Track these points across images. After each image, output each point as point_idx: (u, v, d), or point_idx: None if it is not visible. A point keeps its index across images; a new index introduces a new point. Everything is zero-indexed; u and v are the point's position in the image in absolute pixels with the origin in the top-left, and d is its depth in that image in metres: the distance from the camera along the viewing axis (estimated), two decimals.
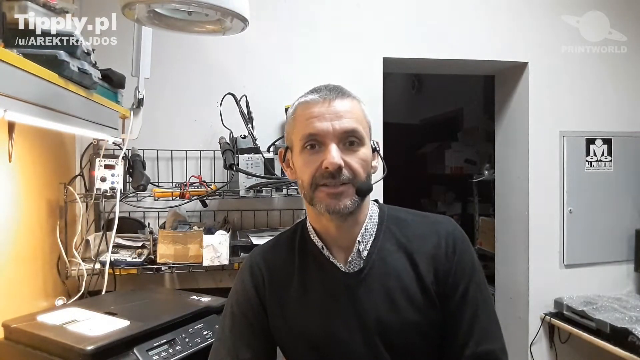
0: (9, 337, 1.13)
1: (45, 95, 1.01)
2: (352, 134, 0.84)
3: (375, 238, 0.90)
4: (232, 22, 1.12)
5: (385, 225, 0.92)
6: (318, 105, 0.85)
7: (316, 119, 0.83)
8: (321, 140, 0.83)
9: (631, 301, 2.23)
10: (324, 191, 0.83)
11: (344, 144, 0.83)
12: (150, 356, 1.07)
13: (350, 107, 0.85)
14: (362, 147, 0.85)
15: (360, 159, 0.84)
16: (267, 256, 0.97)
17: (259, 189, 1.78)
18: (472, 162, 3.83)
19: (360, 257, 0.89)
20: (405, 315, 0.85)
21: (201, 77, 2.04)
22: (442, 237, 0.89)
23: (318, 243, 0.91)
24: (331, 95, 0.85)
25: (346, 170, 0.82)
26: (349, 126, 0.83)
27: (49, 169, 1.60)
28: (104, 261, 1.60)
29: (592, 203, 2.38)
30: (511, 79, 2.47)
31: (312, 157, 0.84)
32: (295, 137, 0.88)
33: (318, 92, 0.87)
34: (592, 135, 2.39)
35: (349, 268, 0.89)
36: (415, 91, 4.60)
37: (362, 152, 0.85)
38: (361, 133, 0.85)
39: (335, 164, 0.81)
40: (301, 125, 0.86)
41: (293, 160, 0.90)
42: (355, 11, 2.18)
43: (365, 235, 0.90)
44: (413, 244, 0.90)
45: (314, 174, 0.83)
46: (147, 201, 1.80)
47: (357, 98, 0.89)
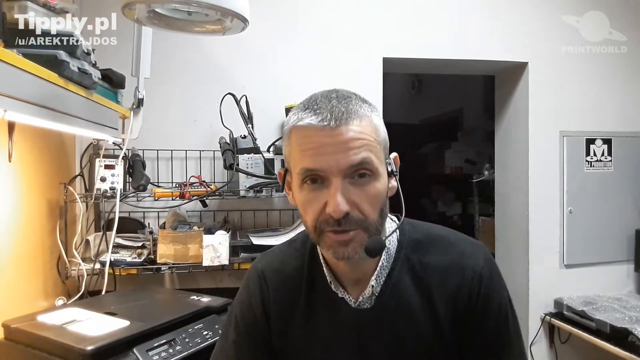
0: (9, 337, 1.13)
1: (45, 95, 1.01)
2: (362, 167, 0.69)
3: (391, 270, 0.79)
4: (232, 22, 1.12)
5: (404, 254, 0.80)
6: (318, 134, 0.68)
7: (316, 152, 0.68)
8: (324, 175, 0.69)
9: (631, 301, 2.23)
10: (332, 237, 0.71)
11: (352, 178, 0.69)
12: (150, 356, 1.07)
13: (358, 132, 0.69)
14: (374, 181, 0.70)
15: (372, 196, 0.70)
16: (275, 271, 0.87)
17: (259, 189, 1.78)
18: (472, 162, 3.83)
19: (372, 293, 0.78)
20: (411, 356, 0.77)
21: (201, 77, 2.04)
22: (467, 276, 0.77)
23: (328, 277, 0.81)
24: (334, 119, 0.68)
25: (355, 214, 0.69)
26: (356, 159, 0.68)
27: (49, 169, 1.60)
28: (104, 261, 1.60)
29: (592, 203, 2.38)
30: (511, 79, 2.47)
31: (314, 194, 0.70)
32: (292, 165, 0.73)
33: (317, 112, 0.69)
34: (592, 135, 2.39)
35: (361, 305, 0.79)
36: (415, 91, 4.60)
37: (374, 187, 0.70)
38: (373, 164, 0.69)
39: (341, 212, 0.67)
40: (297, 156, 0.71)
41: (293, 189, 0.76)
42: (355, 11, 2.18)
43: (380, 272, 0.79)
44: (432, 279, 0.78)
45: (318, 218, 0.71)
46: (147, 201, 1.80)
47: (368, 111, 0.72)
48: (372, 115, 0.73)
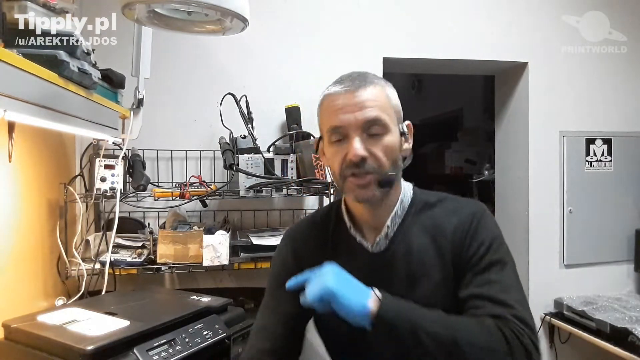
0: (9, 337, 1.13)
1: (45, 95, 1.01)
2: (375, 123, 0.85)
3: (402, 221, 0.94)
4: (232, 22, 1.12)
5: (415, 209, 0.95)
6: (341, 97, 0.87)
7: (339, 112, 0.86)
8: (345, 132, 0.86)
9: (631, 301, 2.23)
10: (352, 182, 0.87)
11: (368, 134, 0.86)
12: (150, 356, 1.07)
13: (373, 95, 0.86)
14: (387, 135, 0.87)
15: (385, 147, 0.86)
16: (304, 232, 1.03)
17: (259, 189, 1.78)
18: (472, 162, 3.83)
19: (386, 238, 0.93)
20: (423, 295, 0.87)
21: (201, 77, 2.04)
22: (463, 216, 0.91)
23: (347, 223, 0.96)
24: (353, 86, 0.87)
25: (371, 160, 0.85)
26: (370, 115, 0.85)
27: (49, 169, 1.60)
28: (104, 261, 1.60)
29: (592, 203, 2.38)
30: (511, 79, 2.47)
31: (339, 148, 0.87)
32: (323, 128, 0.92)
33: (341, 83, 0.89)
34: (592, 135, 2.40)
35: (375, 248, 0.93)
36: (415, 91, 4.60)
37: (386, 140, 0.87)
38: (384, 121, 0.86)
39: (358, 155, 0.84)
40: (326, 118, 0.89)
41: (325, 149, 0.93)
42: (355, 11, 2.18)
43: (394, 219, 0.93)
44: (437, 225, 0.92)
45: (341, 166, 0.87)
46: (147, 201, 1.80)
47: (382, 83, 0.90)
48: (385, 86, 0.91)
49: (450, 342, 0.75)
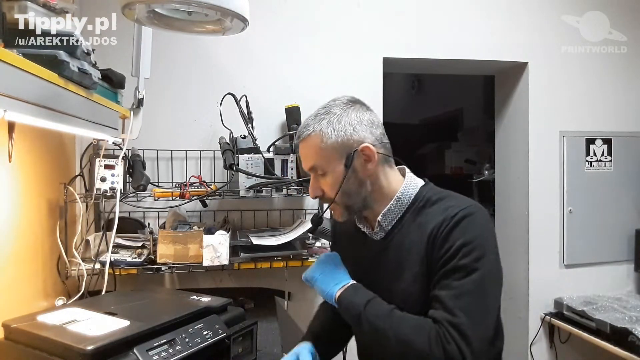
0: (9, 337, 1.13)
1: (45, 95, 1.01)
2: (313, 170, 1.02)
3: (402, 216, 1.03)
4: (232, 22, 1.12)
5: (416, 206, 1.03)
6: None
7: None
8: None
9: (631, 301, 2.23)
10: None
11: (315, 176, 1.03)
12: (150, 356, 1.06)
13: (307, 147, 1.01)
14: (327, 175, 1.01)
15: (328, 184, 1.01)
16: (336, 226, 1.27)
17: (259, 189, 1.78)
18: (472, 162, 3.84)
19: (383, 230, 1.05)
20: (406, 285, 0.98)
21: (201, 77, 2.04)
22: (447, 218, 0.95)
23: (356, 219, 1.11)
24: (297, 140, 1.04)
25: (324, 197, 1.03)
26: (308, 165, 1.03)
27: (49, 169, 1.60)
28: (104, 261, 1.60)
29: (592, 203, 2.38)
30: (511, 79, 2.47)
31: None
32: None
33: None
34: (592, 135, 2.40)
35: (375, 236, 1.07)
36: (415, 91, 4.60)
37: (327, 179, 1.01)
38: (319, 166, 1.01)
39: (313, 195, 1.05)
40: None
41: None
42: (355, 11, 2.18)
43: (387, 215, 1.03)
44: (428, 222, 0.98)
45: None
46: (147, 201, 1.80)
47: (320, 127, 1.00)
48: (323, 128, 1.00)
49: (382, 333, 0.93)
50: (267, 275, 1.98)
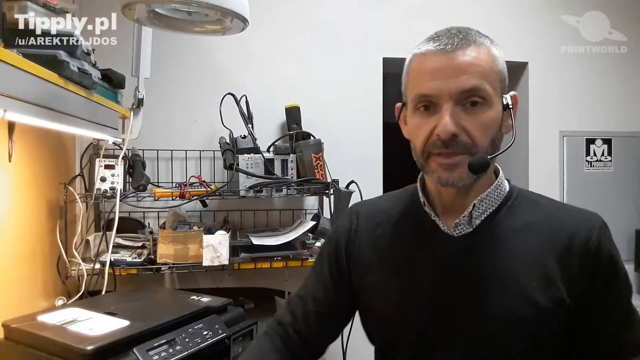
0: (9, 337, 1.13)
1: (45, 95, 1.01)
2: (474, 93, 0.70)
3: (495, 211, 0.77)
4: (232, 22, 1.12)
5: (512, 202, 0.78)
6: (434, 59, 0.72)
7: (430, 77, 0.71)
8: (435, 101, 0.71)
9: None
10: (437, 161, 0.72)
11: (463, 105, 0.70)
12: (150, 356, 1.07)
13: (474, 58, 0.71)
14: (487, 109, 0.71)
15: (483, 123, 0.70)
16: (368, 208, 0.90)
17: (259, 189, 1.78)
18: None
19: (470, 224, 0.76)
20: (509, 303, 0.70)
21: (201, 77, 2.04)
22: (584, 228, 0.74)
23: (422, 198, 0.81)
24: (450, 46, 0.71)
25: (463, 137, 0.70)
26: (469, 84, 0.69)
27: (49, 169, 1.60)
28: (104, 261, 1.60)
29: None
30: (511, 79, 2.46)
31: (425, 120, 0.72)
32: (408, 94, 0.76)
33: (436, 40, 0.73)
34: (592, 135, 2.40)
35: (454, 231, 0.77)
36: None
37: (486, 115, 0.70)
38: (486, 91, 0.70)
39: (448, 132, 0.68)
40: (414, 83, 0.75)
41: (407, 118, 0.78)
42: (355, 11, 2.18)
43: (484, 201, 0.76)
44: (542, 227, 0.75)
45: (426, 141, 0.72)
46: (147, 201, 1.80)
47: (487, 42, 0.75)
48: (491, 46, 0.75)
49: None
50: (267, 275, 1.98)
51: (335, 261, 0.88)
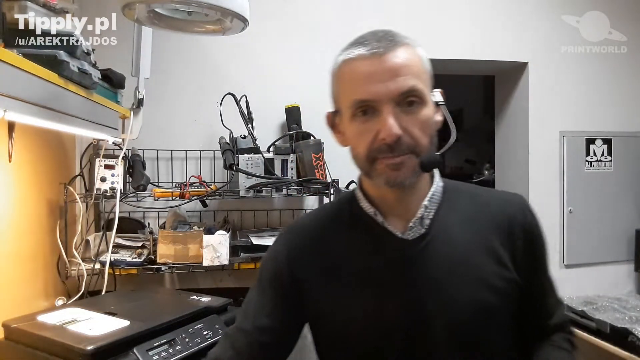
0: (9, 337, 1.13)
1: (45, 95, 1.01)
2: (411, 93, 0.71)
3: (438, 208, 0.79)
4: (232, 22, 1.12)
5: (448, 196, 0.81)
6: (367, 63, 0.71)
7: (366, 81, 0.71)
8: (375, 106, 0.71)
9: (631, 301, 2.23)
10: (384, 162, 0.72)
11: (401, 106, 0.71)
12: (150, 356, 1.07)
13: (406, 60, 0.71)
14: (424, 107, 0.72)
15: (422, 122, 0.72)
16: (306, 227, 0.86)
17: (259, 189, 1.78)
18: (472, 162, 3.83)
19: (421, 225, 0.77)
20: (475, 295, 0.74)
21: (201, 77, 2.04)
22: (518, 210, 0.82)
23: (369, 210, 0.80)
24: (381, 48, 0.71)
25: (406, 138, 0.71)
26: (406, 85, 0.70)
27: (49, 169, 1.60)
28: (104, 261, 1.60)
29: (592, 203, 2.38)
30: (511, 79, 2.47)
31: (366, 125, 0.72)
32: (343, 101, 0.76)
33: (364, 44, 0.73)
34: (592, 135, 2.39)
35: (408, 235, 0.77)
36: None
37: (423, 114, 0.72)
38: (421, 90, 0.71)
39: (394, 135, 0.69)
40: (349, 89, 0.74)
41: (343, 126, 0.78)
42: (355, 11, 2.18)
43: (432, 201, 0.79)
44: (482, 215, 0.80)
45: (370, 147, 0.72)
46: (147, 201, 1.80)
47: (412, 42, 0.75)
48: (416, 47, 0.75)
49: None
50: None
51: (280, 286, 0.82)
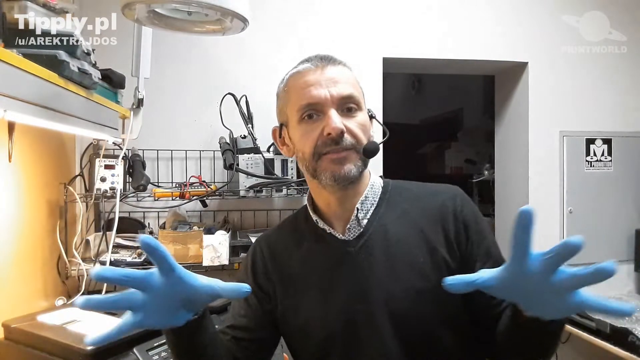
0: (9, 337, 1.13)
1: (45, 95, 1.01)
2: (350, 100, 0.82)
3: (377, 207, 0.88)
4: (232, 22, 1.12)
5: (389, 196, 0.89)
6: (311, 74, 0.84)
7: (312, 87, 0.82)
8: (320, 108, 0.81)
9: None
10: (328, 158, 0.80)
11: (342, 110, 0.82)
12: (150, 356, 1.07)
13: (343, 73, 0.85)
14: (361, 113, 0.84)
15: (361, 124, 0.83)
16: (270, 238, 0.98)
17: (259, 189, 1.78)
18: (472, 162, 3.84)
19: (359, 225, 0.86)
20: (410, 283, 0.81)
21: (201, 77, 2.04)
22: (447, 198, 0.87)
23: (313, 216, 0.89)
24: (323, 63, 0.84)
25: (348, 136, 0.80)
26: (345, 91, 0.82)
27: (49, 169, 1.60)
28: (104, 261, 1.60)
29: (592, 203, 2.38)
30: (511, 79, 2.47)
31: (312, 126, 0.82)
32: (290, 110, 0.86)
33: (309, 61, 0.87)
34: (592, 135, 2.40)
35: (348, 236, 0.86)
36: (415, 91, 4.60)
37: (360, 117, 0.83)
38: (358, 98, 0.84)
39: (338, 128, 0.79)
40: (296, 96, 0.84)
41: (290, 135, 0.87)
42: (355, 11, 2.18)
43: (365, 203, 0.87)
44: (415, 208, 0.87)
45: (316, 143, 0.81)
46: (147, 201, 1.80)
47: (348, 66, 0.88)
48: (350, 70, 0.88)
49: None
50: None
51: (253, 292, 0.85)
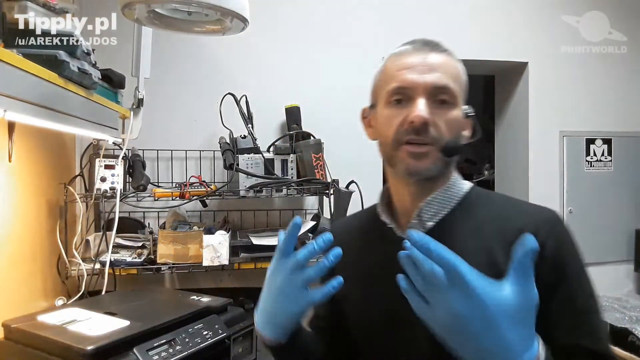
0: (9, 337, 1.13)
1: (45, 95, 1.01)
2: (444, 91, 0.74)
3: (450, 212, 0.78)
4: (232, 22, 1.12)
5: (468, 203, 0.79)
6: (410, 56, 0.77)
7: (407, 71, 0.75)
8: (409, 93, 0.74)
9: (631, 301, 2.23)
10: (407, 149, 0.73)
11: (433, 101, 0.74)
12: (150, 356, 1.07)
13: (446, 62, 0.77)
14: (454, 108, 0.75)
15: (450, 120, 0.74)
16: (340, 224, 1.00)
17: (259, 189, 1.78)
18: (472, 162, 3.83)
19: (422, 226, 0.78)
20: None
21: (201, 77, 2.04)
22: (531, 223, 0.71)
23: (379, 207, 0.85)
24: (426, 47, 0.78)
25: (433, 129, 0.73)
26: (440, 81, 0.74)
27: (49, 169, 1.60)
28: (104, 261, 1.60)
29: (592, 203, 2.38)
30: (511, 79, 2.47)
31: (397, 111, 0.75)
32: (381, 91, 0.79)
33: (412, 43, 0.80)
34: (592, 135, 2.40)
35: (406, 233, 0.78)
36: None
37: (452, 114, 0.75)
38: (455, 92, 0.76)
39: (422, 117, 0.71)
40: (389, 78, 0.78)
41: (375, 117, 0.81)
42: (355, 11, 2.18)
43: (432, 204, 0.78)
44: (492, 226, 0.75)
45: (398, 130, 0.74)
46: (147, 201, 1.80)
47: (456, 57, 0.81)
48: (457, 61, 0.81)
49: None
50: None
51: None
